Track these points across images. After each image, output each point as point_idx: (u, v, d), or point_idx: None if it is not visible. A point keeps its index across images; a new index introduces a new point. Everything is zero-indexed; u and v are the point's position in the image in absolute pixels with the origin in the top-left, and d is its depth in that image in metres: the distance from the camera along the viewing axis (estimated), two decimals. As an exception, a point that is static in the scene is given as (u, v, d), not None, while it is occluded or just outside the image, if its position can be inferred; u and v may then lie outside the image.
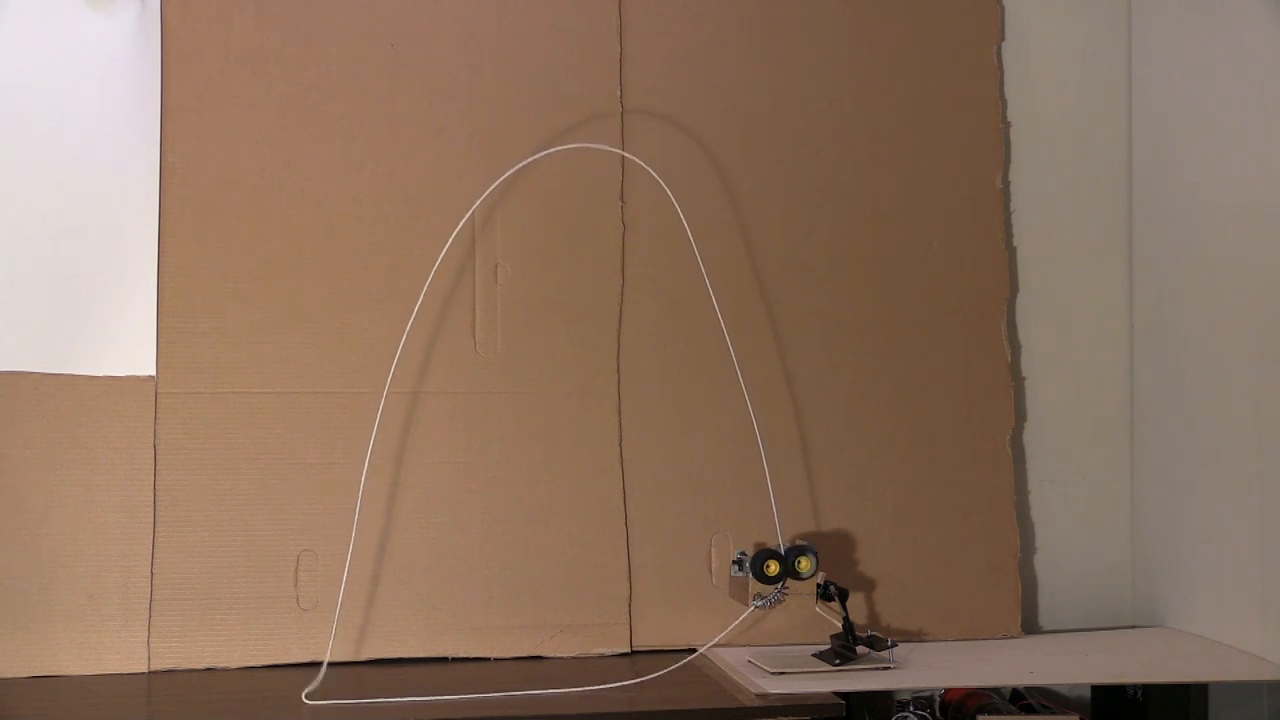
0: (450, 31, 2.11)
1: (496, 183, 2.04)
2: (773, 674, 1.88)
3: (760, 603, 1.96)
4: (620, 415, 2.11)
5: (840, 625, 1.96)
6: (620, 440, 2.11)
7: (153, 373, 2.01)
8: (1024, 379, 2.28)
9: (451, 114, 2.10)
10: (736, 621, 2.02)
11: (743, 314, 2.13)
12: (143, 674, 1.95)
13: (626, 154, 2.11)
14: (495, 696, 1.80)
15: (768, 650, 2.02)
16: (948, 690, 2.04)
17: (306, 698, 1.78)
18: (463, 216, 2.05)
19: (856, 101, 2.22)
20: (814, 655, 1.97)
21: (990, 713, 1.98)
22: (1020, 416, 2.26)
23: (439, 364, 2.07)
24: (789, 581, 1.96)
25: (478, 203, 2.05)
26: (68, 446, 1.98)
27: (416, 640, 2.02)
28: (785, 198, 2.19)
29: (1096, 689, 2.13)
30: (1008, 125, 2.29)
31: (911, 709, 2.03)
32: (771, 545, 1.98)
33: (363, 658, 2.00)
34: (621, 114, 2.14)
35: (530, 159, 2.04)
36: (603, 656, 2.06)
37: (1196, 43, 2.16)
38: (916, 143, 2.23)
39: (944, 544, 2.18)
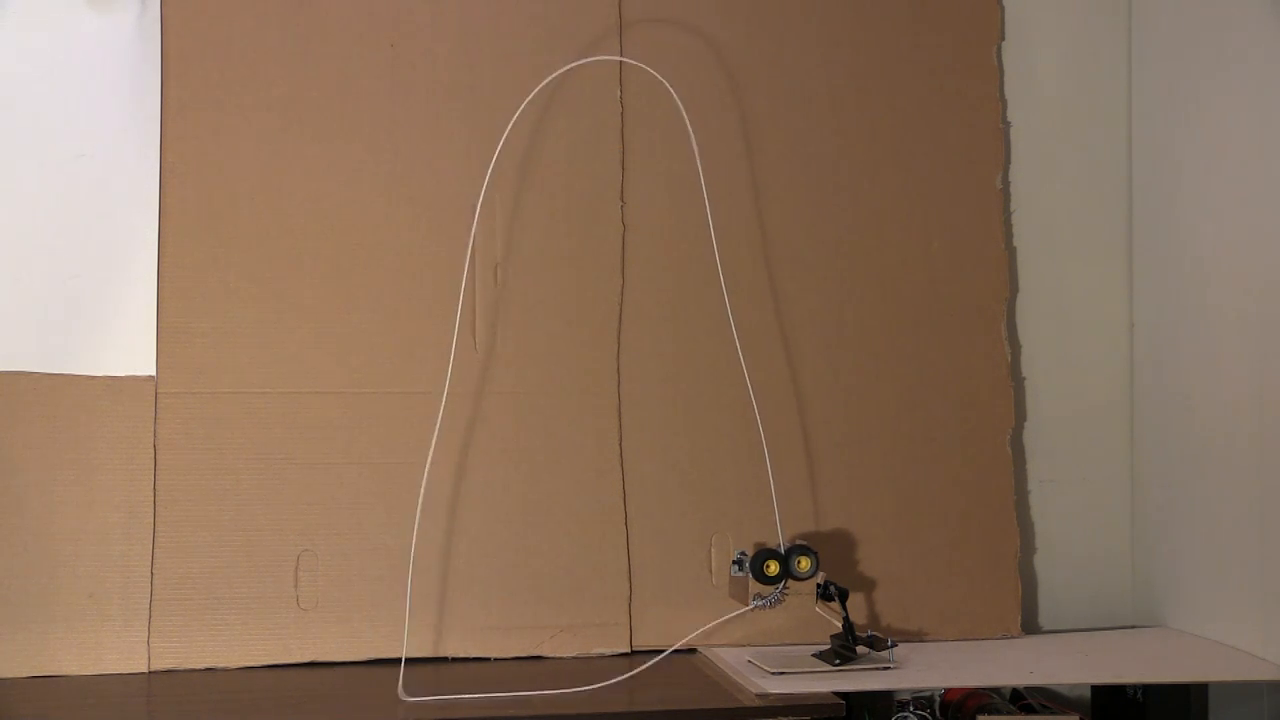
0: (450, 31, 2.11)
1: (495, 175, 2.05)
2: (773, 674, 1.87)
3: (760, 603, 1.96)
4: (620, 415, 2.11)
5: (840, 625, 1.96)
6: (620, 440, 2.11)
7: (153, 373, 2.01)
8: (1024, 379, 2.28)
9: (451, 114, 2.10)
10: (731, 614, 2.03)
11: (743, 314, 2.13)
12: (143, 674, 1.95)
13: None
14: (495, 697, 1.80)
15: (768, 650, 2.02)
16: (948, 690, 2.04)
17: (403, 693, 1.78)
18: (463, 216, 2.06)
19: (857, 101, 2.22)
20: (814, 655, 1.96)
21: (990, 713, 1.98)
22: (1020, 416, 2.26)
23: (438, 364, 2.06)
24: (789, 581, 1.96)
25: (485, 195, 2.05)
26: (68, 446, 1.98)
27: (417, 640, 2.02)
28: (785, 198, 2.18)
29: (1096, 689, 2.13)
30: (1008, 125, 2.28)
31: (911, 709, 2.02)
32: (771, 545, 1.98)
33: (363, 658, 2.00)
34: (621, 110, 2.14)
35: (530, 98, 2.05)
36: (603, 656, 2.06)
37: (1196, 42, 2.15)
38: (916, 143, 2.23)
39: (944, 544, 2.17)
